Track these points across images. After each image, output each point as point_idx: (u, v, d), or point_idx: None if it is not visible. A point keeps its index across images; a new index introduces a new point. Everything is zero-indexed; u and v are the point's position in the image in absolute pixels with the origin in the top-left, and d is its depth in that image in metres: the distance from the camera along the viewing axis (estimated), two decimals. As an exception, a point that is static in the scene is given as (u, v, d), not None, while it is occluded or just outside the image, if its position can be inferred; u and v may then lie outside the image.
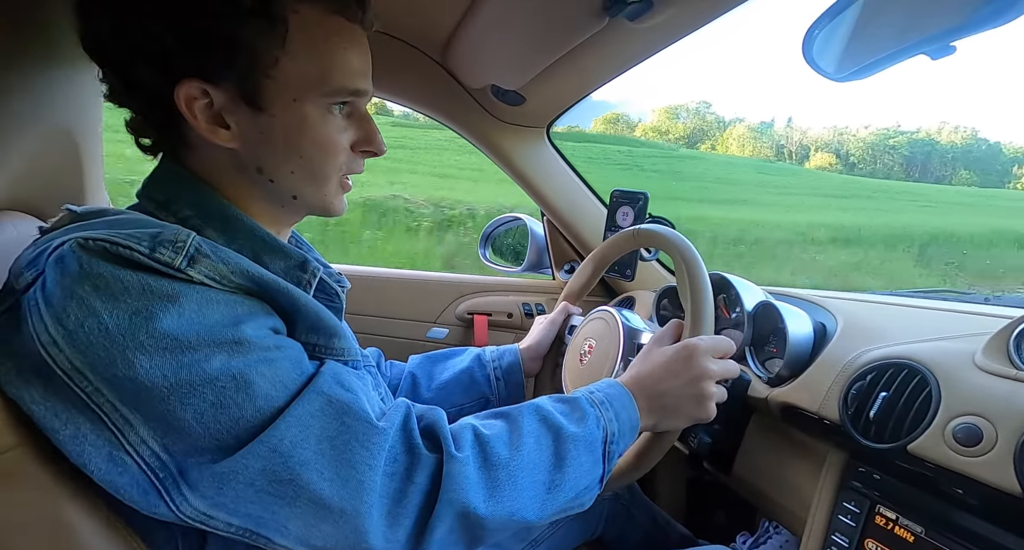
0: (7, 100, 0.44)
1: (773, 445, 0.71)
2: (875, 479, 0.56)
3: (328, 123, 0.45)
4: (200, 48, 0.40)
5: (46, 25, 0.49)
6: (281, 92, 0.43)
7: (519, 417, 0.47)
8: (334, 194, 0.49)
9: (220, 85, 0.41)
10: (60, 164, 0.56)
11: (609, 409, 0.49)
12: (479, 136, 1.07)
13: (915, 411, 0.51)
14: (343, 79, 0.44)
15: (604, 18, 0.62)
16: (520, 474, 0.43)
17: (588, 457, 0.47)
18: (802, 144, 18.76)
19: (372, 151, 0.49)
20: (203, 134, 0.42)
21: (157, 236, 0.36)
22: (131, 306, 0.34)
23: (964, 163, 13.71)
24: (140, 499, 0.36)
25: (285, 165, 0.45)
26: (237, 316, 0.38)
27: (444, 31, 0.83)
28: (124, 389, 0.34)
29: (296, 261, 0.47)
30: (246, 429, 0.36)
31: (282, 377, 0.38)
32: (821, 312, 0.75)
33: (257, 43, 0.40)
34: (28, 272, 0.36)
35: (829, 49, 0.60)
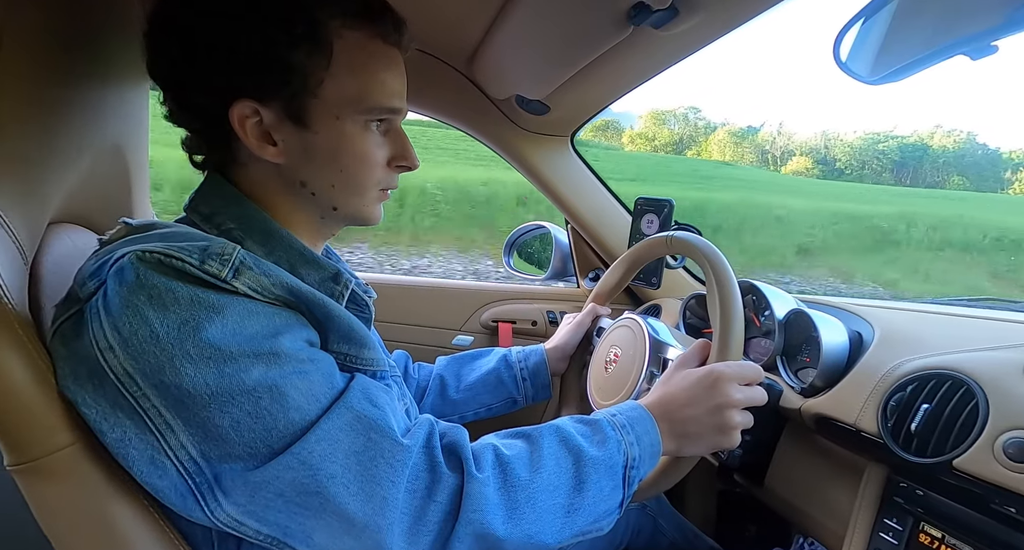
0: (66, 118, 0.47)
1: (807, 457, 0.69)
2: (918, 495, 0.54)
3: (366, 139, 0.48)
4: (254, 71, 0.43)
5: (100, 47, 0.52)
6: (324, 110, 0.45)
7: (540, 438, 0.47)
8: (371, 205, 0.52)
9: (270, 104, 0.45)
10: (111, 179, 0.60)
11: (630, 433, 0.49)
12: (504, 145, 1.08)
13: (960, 424, 0.49)
14: (381, 98, 0.47)
15: (628, 27, 0.63)
16: (539, 496, 0.44)
17: (608, 481, 0.47)
18: (787, 149, 18.29)
19: (406, 165, 0.52)
20: (252, 150, 0.45)
21: (206, 249, 0.39)
22: (180, 316, 0.36)
23: (957, 168, 13.04)
24: (178, 502, 0.38)
25: (326, 178, 0.48)
26: (275, 327, 0.40)
27: (470, 44, 0.84)
28: (169, 395, 0.36)
29: (330, 273, 0.49)
30: (278, 439, 0.37)
31: (314, 390, 0.39)
32: (856, 320, 0.72)
33: (305, 66, 0.44)
34: (91, 282, 0.39)
35: (862, 52, 0.58)
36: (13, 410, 0.37)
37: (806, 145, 25.15)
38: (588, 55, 0.72)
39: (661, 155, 36.81)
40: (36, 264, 0.46)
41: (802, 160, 35.93)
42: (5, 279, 0.38)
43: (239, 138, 0.45)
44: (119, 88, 0.57)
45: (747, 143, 43.08)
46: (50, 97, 0.45)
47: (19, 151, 0.41)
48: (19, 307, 0.38)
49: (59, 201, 0.49)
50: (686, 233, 0.70)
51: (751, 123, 45.13)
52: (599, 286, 0.83)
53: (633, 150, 34.75)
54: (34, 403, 0.37)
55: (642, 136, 49.84)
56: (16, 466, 0.37)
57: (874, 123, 51.66)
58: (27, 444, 0.37)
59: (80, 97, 0.49)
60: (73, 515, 0.39)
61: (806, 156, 35.53)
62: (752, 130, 45.79)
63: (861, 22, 0.58)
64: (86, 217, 0.57)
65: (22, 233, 0.42)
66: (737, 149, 41.49)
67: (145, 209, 0.69)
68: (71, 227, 0.54)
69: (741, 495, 1.03)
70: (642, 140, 48.96)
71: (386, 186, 0.52)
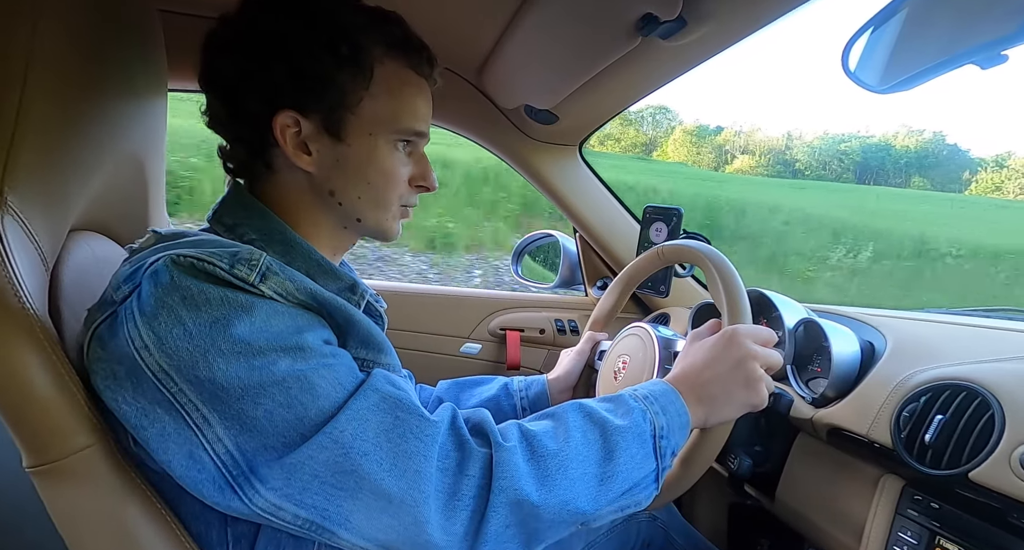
0: (88, 129, 0.49)
1: (819, 468, 0.68)
2: (934, 508, 0.53)
3: (393, 157, 0.52)
4: (301, 85, 0.47)
5: (122, 60, 0.54)
6: (359, 126, 0.49)
7: (563, 415, 0.48)
8: (392, 219, 0.55)
9: (310, 116, 0.48)
10: (130, 187, 0.61)
11: (655, 403, 0.49)
12: (512, 155, 1.09)
13: (976, 436, 0.48)
14: (411, 122, 0.52)
15: (637, 38, 0.63)
16: (570, 464, 0.44)
17: (639, 449, 0.46)
18: (746, 149, 18.00)
19: (425, 186, 0.56)
20: (289, 157, 0.49)
21: (235, 254, 0.41)
22: (211, 315, 0.38)
23: (919, 169, 12.75)
24: (216, 495, 0.39)
25: (354, 190, 0.51)
26: (299, 326, 0.42)
27: (480, 54, 0.86)
28: (204, 390, 0.37)
29: (346, 283, 0.51)
30: (310, 426, 0.38)
31: (340, 379, 0.41)
32: (868, 330, 0.72)
33: (347, 85, 0.48)
34: (125, 285, 0.41)
35: (871, 61, 0.58)
36: (33, 413, 0.38)
37: (765, 146, 24.66)
38: (597, 65, 0.73)
39: (629, 155, 36.49)
40: (57, 271, 0.47)
41: (746, 159, 35.57)
42: (27, 285, 0.39)
43: (278, 145, 0.48)
44: (139, 100, 0.58)
45: (705, 143, 41.87)
46: (73, 108, 0.46)
47: (43, 160, 0.43)
48: (40, 313, 0.39)
49: (80, 209, 0.50)
50: (678, 241, 0.70)
51: (720, 124, 43.98)
52: (596, 313, 0.83)
53: (602, 150, 34.50)
54: (54, 406, 0.38)
55: (610, 137, 49.48)
56: (35, 468, 0.38)
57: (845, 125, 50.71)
58: (46, 446, 0.38)
59: (102, 108, 0.51)
60: (89, 516, 0.40)
61: (750, 155, 34.99)
62: (714, 130, 44.34)
63: (870, 31, 0.59)
64: (105, 225, 0.59)
65: (44, 240, 0.43)
66: (692, 148, 40.42)
67: (161, 217, 0.71)
68: (91, 235, 0.56)
69: (752, 508, 1.01)
70: (611, 141, 48.50)
71: (407, 203, 0.55)
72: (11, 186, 0.39)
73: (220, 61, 0.49)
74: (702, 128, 45.09)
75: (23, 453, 0.38)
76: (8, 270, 0.37)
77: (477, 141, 1.10)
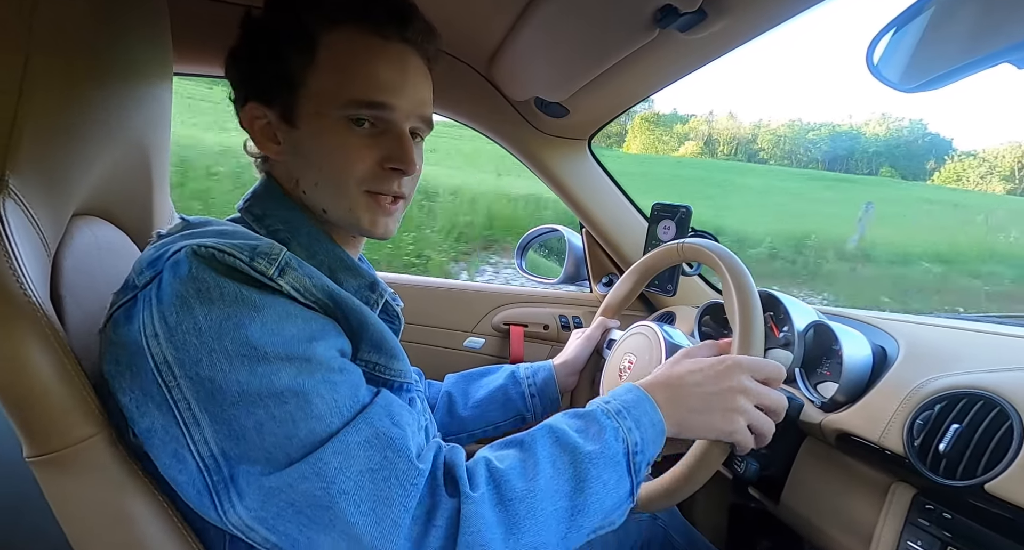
0: (92, 112, 0.48)
1: (827, 474, 0.67)
2: (946, 518, 0.52)
3: (346, 136, 0.47)
4: (252, 74, 0.48)
5: (127, 45, 0.53)
6: (309, 107, 0.47)
7: (533, 443, 0.45)
8: (361, 210, 0.49)
9: (273, 105, 0.47)
10: (134, 173, 0.60)
11: (627, 418, 0.46)
12: (521, 148, 1.08)
13: (993, 447, 0.47)
14: (361, 91, 0.46)
15: (654, 30, 0.62)
16: (539, 505, 0.41)
17: (611, 474, 0.44)
18: (711, 137, 17.65)
19: (399, 168, 0.49)
20: (258, 147, 0.49)
21: (256, 248, 0.40)
22: (224, 312, 0.37)
23: (888, 158, 12.30)
24: (195, 499, 0.38)
25: (310, 176, 0.49)
26: (311, 332, 0.40)
27: (490, 45, 0.84)
28: (202, 388, 0.37)
29: (367, 281, 0.51)
30: (296, 447, 0.37)
31: (339, 401, 0.39)
32: (880, 335, 0.71)
33: (293, 65, 0.46)
34: (148, 271, 0.40)
35: (895, 59, 0.57)
36: (35, 402, 0.37)
37: (729, 134, 23.99)
38: (611, 58, 0.71)
39: (602, 147, 35.99)
40: (58, 256, 0.46)
41: (691, 145, 34.97)
42: (29, 271, 0.38)
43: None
44: (144, 83, 0.57)
45: (664, 131, 40.33)
46: (76, 91, 0.45)
47: (45, 143, 0.42)
48: (42, 299, 0.38)
49: (82, 193, 0.50)
50: (698, 239, 0.68)
51: (693, 112, 41.77)
52: (608, 299, 0.82)
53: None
54: (55, 395, 0.37)
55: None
56: (35, 457, 0.38)
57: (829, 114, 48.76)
58: (47, 436, 0.37)
59: (105, 91, 0.50)
60: (90, 507, 0.39)
61: (695, 142, 34.09)
62: (683, 118, 42.53)
63: (893, 31, 0.57)
64: (108, 210, 0.58)
65: (46, 225, 0.42)
66: (650, 137, 38.98)
67: (165, 203, 0.70)
68: (93, 220, 0.55)
69: (753, 509, 1.01)
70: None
71: (373, 188, 0.49)
72: (12, 169, 0.38)
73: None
74: (667, 116, 43.37)
75: (24, 443, 0.38)
76: (9, 255, 0.37)
77: (485, 133, 1.08)
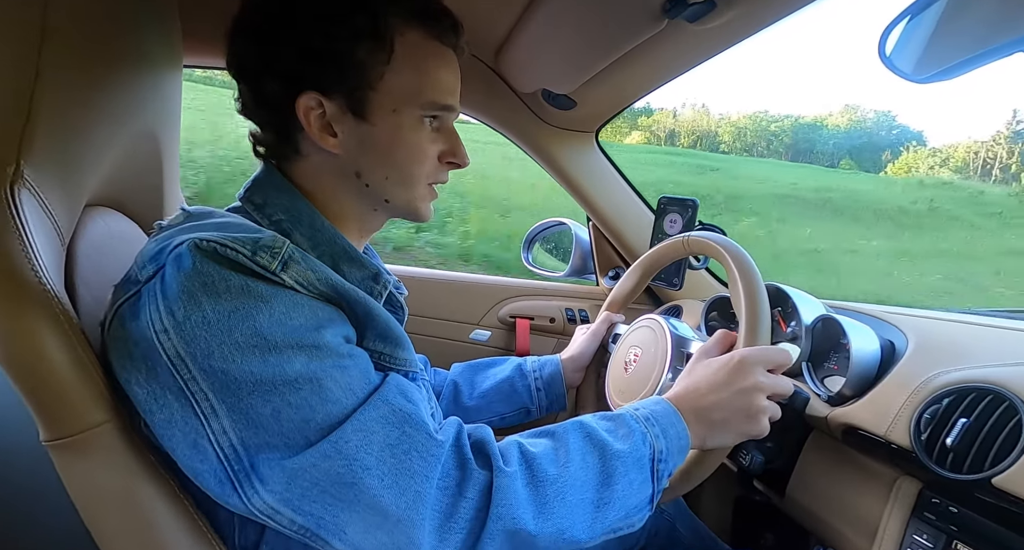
0: (104, 104, 0.48)
1: (833, 467, 0.67)
2: (952, 512, 0.52)
3: (419, 133, 0.50)
4: (319, 65, 0.46)
5: (138, 36, 0.53)
6: (382, 104, 0.47)
7: (564, 435, 0.47)
8: (421, 199, 0.53)
9: (333, 97, 0.47)
10: (144, 164, 0.61)
11: (655, 426, 0.48)
12: (528, 140, 1.08)
13: (1002, 441, 0.47)
14: (436, 95, 0.49)
15: (663, 20, 0.61)
16: (568, 491, 0.43)
17: (637, 474, 0.46)
18: (673, 130, 17.34)
19: (456, 162, 0.53)
20: (314, 140, 0.48)
21: (258, 241, 0.40)
22: (231, 304, 0.37)
23: (848, 150, 11.95)
24: (216, 488, 0.39)
25: (380, 170, 0.50)
26: (319, 321, 0.41)
27: (497, 36, 0.84)
28: (216, 380, 0.37)
29: (371, 272, 0.50)
30: (315, 430, 0.38)
31: (352, 384, 0.40)
32: (889, 328, 0.70)
33: (366, 61, 0.46)
34: (150, 265, 0.40)
35: (909, 48, 0.56)
36: (50, 387, 0.38)
37: (691, 126, 23.52)
38: (619, 49, 0.70)
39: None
40: (72, 246, 0.47)
41: (636, 135, 34.83)
42: (44, 260, 0.38)
43: (303, 129, 0.47)
44: (154, 76, 0.58)
45: (618, 120, 40.29)
46: (88, 82, 0.45)
47: (58, 134, 0.42)
48: (57, 288, 0.39)
49: (95, 185, 0.50)
50: (704, 232, 0.68)
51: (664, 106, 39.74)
52: (613, 293, 0.82)
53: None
54: (70, 381, 0.38)
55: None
56: (51, 442, 0.39)
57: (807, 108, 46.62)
58: (62, 421, 0.38)
59: (117, 83, 0.50)
60: (104, 492, 0.40)
61: (641, 132, 33.67)
62: (645, 111, 41.65)
63: (907, 20, 0.56)
64: (120, 201, 0.58)
65: (60, 215, 0.43)
66: (608, 128, 39.36)
67: (176, 194, 0.71)
68: (106, 210, 0.56)
69: (758, 502, 1.01)
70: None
71: (435, 180, 0.53)
72: (28, 160, 0.39)
73: (240, 45, 0.48)
74: (636, 110, 42.82)
75: (40, 427, 0.39)
76: (25, 244, 0.37)
77: (492, 125, 1.08)
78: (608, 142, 8.16)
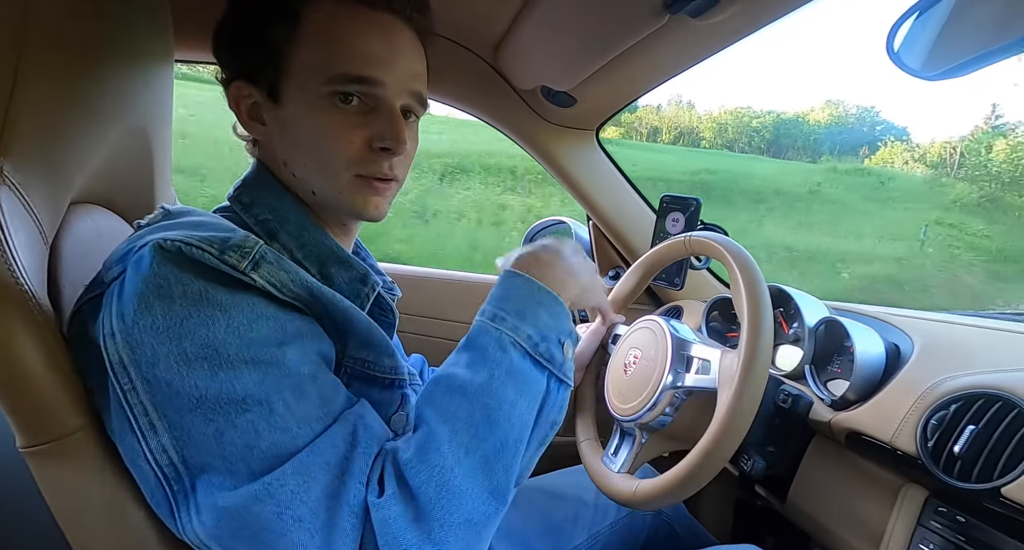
0: (93, 100, 0.47)
1: (836, 473, 0.66)
2: (959, 521, 0.50)
3: (331, 114, 0.44)
4: (238, 51, 0.45)
5: (126, 30, 0.52)
6: (293, 84, 0.45)
7: (422, 409, 0.41)
8: (350, 191, 0.47)
9: (258, 83, 0.45)
10: (134, 160, 0.60)
11: (507, 317, 0.43)
12: (527, 138, 1.06)
13: (1011, 450, 0.46)
14: (347, 66, 0.43)
15: (664, 15, 0.60)
16: (451, 474, 0.37)
17: (512, 389, 0.40)
18: (654, 126, 17.21)
19: (387, 148, 0.45)
20: (244, 128, 0.47)
21: (227, 240, 0.38)
22: (185, 310, 0.35)
23: (829, 146, 11.64)
24: (157, 507, 0.37)
25: (298, 158, 0.47)
26: (284, 336, 0.37)
27: (496, 31, 0.82)
28: (159, 391, 0.35)
29: (359, 274, 0.48)
30: (257, 459, 0.35)
31: (306, 412, 0.37)
32: (894, 332, 0.69)
33: (277, 40, 0.44)
34: (116, 267, 0.38)
35: (917, 45, 0.54)
36: (26, 392, 0.36)
37: (673, 122, 23.35)
38: (620, 45, 0.69)
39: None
40: (56, 244, 0.45)
41: (611, 130, 35.46)
42: (23, 260, 0.37)
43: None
44: (144, 71, 0.56)
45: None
46: (74, 76, 0.44)
47: (41, 129, 0.41)
48: (37, 289, 0.38)
49: (81, 181, 0.49)
50: (706, 232, 0.67)
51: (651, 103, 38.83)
52: (614, 293, 0.80)
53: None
54: (46, 386, 0.37)
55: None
56: (27, 448, 0.37)
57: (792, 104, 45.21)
58: (39, 427, 0.37)
59: (104, 77, 0.49)
60: (82, 498, 0.39)
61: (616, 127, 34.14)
62: (631, 107, 41.77)
63: (915, 16, 0.55)
64: (108, 198, 0.57)
65: (43, 212, 0.42)
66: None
67: (167, 191, 0.69)
68: (93, 208, 0.54)
69: (760, 507, 1.00)
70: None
71: (362, 171, 0.46)
72: (7, 156, 0.37)
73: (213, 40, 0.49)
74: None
75: (16, 433, 0.37)
76: (3, 244, 0.36)
77: (491, 123, 1.07)
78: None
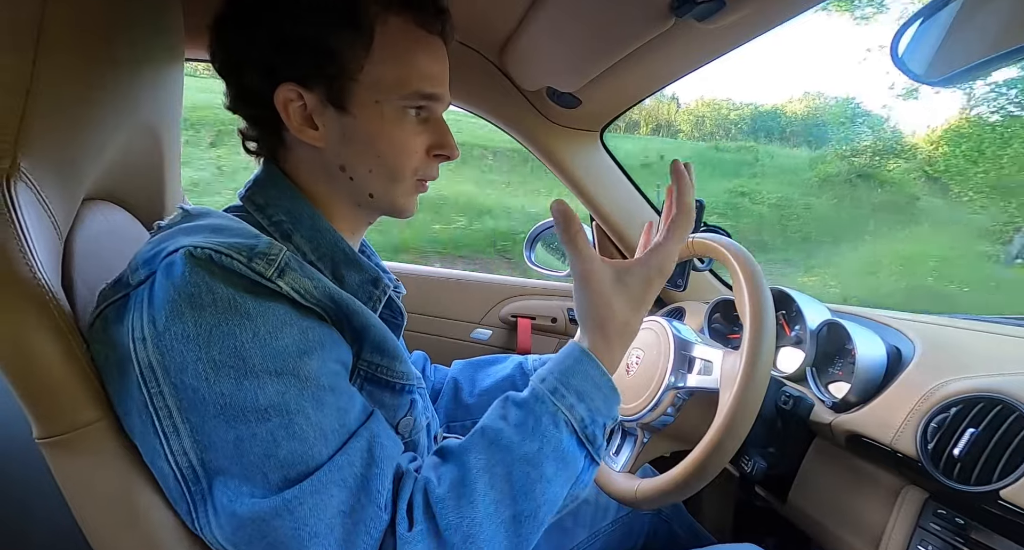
0: (105, 98, 0.48)
1: (836, 474, 0.66)
2: (958, 523, 0.51)
3: (403, 125, 0.48)
4: (296, 55, 0.45)
5: (138, 29, 0.53)
6: (364, 95, 0.46)
7: (464, 456, 0.42)
8: (407, 194, 0.51)
9: (313, 88, 0.45)
10: (145, 158, 0.60)
11: (567, 394, 0.44)
12: (532, 139, 1.07)
13: (1011, 453, 0.46)
14: (420, 84, 0.47)
15: (670, 19, 0.60)
16: (477, 531, 0.38)
17: (553, 465, 0.41)
18: (632, 119, 17.05)
19: (445, 154, 0.51)
20: (294, 133, 0.47)
21: (254, 248, 0.39)
22: (215, 318, 0.36)
23: (805, 137, 11.37)
24: (178, 505, 0.39)
25: (364, 163, 0.48)
26: (307, 343, 0.39)
27: (502, 32, 0.83)
28: (185, 396, 0.36)
29: (370, 276, 0.50)
30: (274, 467, 0.36)
31: (322, 423, 0.38)
32: (895, 335, 0.69)
33: (346, 50, 0.45)
34: (143, 269, 0.39)
35: (921, 50, 0.55)
36: (43, 385, 0.37)
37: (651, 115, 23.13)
38: (626, 47, 0.69)
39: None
40: (70, 240, 0.46)
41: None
42: (40, 255, 0.38)
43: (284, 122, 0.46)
44: (155, 68, 0.57)
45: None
46: (87, 75, 0.45)
47: (56, 127, 0.42)
48: (53, 284, 0.39)
49: (94, 178, 0.50)
50: (709, 234, 0.67)
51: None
52: None
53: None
54: (63, 379, 0.37)
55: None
56: (43, 439, 0.38)
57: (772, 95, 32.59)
58: (54, 419, 0.38)
59: (116, 76, 0.49)
60: (96, 491, 0.40)
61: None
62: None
63: (920, 22, 0.55)
64: (119, 195, 0.58)
65: (57, 209, 0.42)
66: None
67: (176, 189, 0.70)
68: (105, 204, 0.55)
69: (760, 507, 1.00)
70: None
71: (423, 176, 0.51)
72: (24, 153, 0.38)
73: (220, 38, 0.47)
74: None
75: (33, 424, 0.38)
76: (21, 239, 0.37)
77: (496, 123, 1.07)
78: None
